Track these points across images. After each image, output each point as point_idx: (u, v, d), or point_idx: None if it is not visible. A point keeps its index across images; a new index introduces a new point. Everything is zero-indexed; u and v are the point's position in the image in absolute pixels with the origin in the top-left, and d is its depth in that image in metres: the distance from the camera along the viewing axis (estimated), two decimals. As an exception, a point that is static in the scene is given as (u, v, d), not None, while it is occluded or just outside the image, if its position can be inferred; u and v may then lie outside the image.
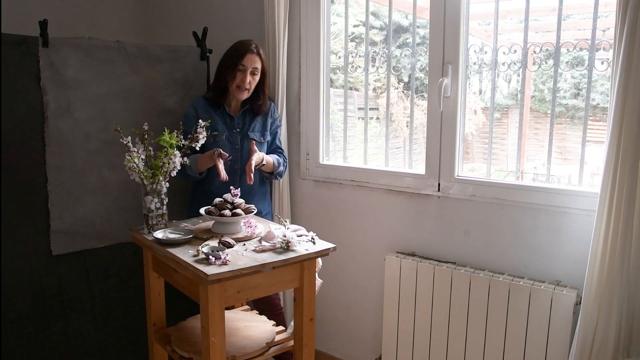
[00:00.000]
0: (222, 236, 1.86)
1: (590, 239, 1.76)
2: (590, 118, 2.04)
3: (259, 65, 2.30)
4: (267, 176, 2.44)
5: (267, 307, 2.43)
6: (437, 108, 2.21)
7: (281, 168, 2.43)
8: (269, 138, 2.44)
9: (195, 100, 2.39)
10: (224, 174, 2.12)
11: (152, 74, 2.46)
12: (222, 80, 2.32)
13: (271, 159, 2.37)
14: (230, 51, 2.31)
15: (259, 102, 2.37)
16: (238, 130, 2.36)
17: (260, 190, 2.46)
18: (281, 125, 2.54)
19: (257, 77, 2.32)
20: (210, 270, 1.59)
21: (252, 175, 2.16)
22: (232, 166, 2.34)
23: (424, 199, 2.32)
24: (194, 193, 2.47)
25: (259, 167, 2.31)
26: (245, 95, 2.31)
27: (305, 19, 2.61)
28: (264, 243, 1.83)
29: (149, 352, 2.14)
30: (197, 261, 1.67)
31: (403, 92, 3.75)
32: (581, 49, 1.98)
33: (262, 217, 2.40)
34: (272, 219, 2.55)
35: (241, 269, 1.63)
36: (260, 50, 2.32)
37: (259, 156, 2.27)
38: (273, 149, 2.48)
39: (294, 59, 2.67)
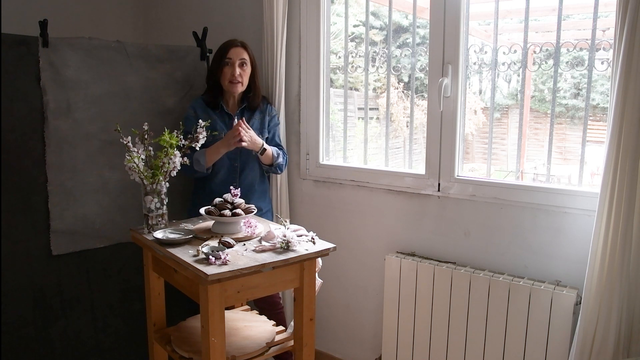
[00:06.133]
0: (222, 236, 1.86)
1: (590, 239, 1.76)
2: (590, 118, 2.04)
3: (246, 57, 2.34)
4: (267, 169, 2.45)
5: (268, 305, 2.44)
6: (437, 108, 2.21)
7: (280, 160, 2.43)
8: (267, 135, 2.45)
9: (194, 101, 2.42)
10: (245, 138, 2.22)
11: (152, 74, 2.46)
12: (215, 81, 2.36)
13: (270, 149, 2.38)
14: (216, 51, 2.36)
15: (250, 93, 2.40)
16: None
17: (260, 188, 2.47)
18: (279, 123, 2.54)
19: (248, 69, 2.35)
20: (210, 270, 1.59)
21: (241, 127, 2.21)
22: (231, 164, 2.35)
23: (424, 199, 2.32)
24: (195, 192, 2.47)
25: (259, 153, 2.32)
26: (240, 88, 2.34)
27: (305, 19, 2.60)
28: (264, 243, 1.83)
29: (149, 352, 2.14)
30: (197, 261, 1.67)
31: (403, 92, 3.74)
32: (581, 49, 1.98)
33: (261, 214, 2.41)
34: (272, 217, 2.56)
35: (241, 269, 1.63)
36: (245, 44, 2.36)
37: (258, 140, 2.30)
38: (272, 146, 2.48)
39: (294, 59, 2.67)
